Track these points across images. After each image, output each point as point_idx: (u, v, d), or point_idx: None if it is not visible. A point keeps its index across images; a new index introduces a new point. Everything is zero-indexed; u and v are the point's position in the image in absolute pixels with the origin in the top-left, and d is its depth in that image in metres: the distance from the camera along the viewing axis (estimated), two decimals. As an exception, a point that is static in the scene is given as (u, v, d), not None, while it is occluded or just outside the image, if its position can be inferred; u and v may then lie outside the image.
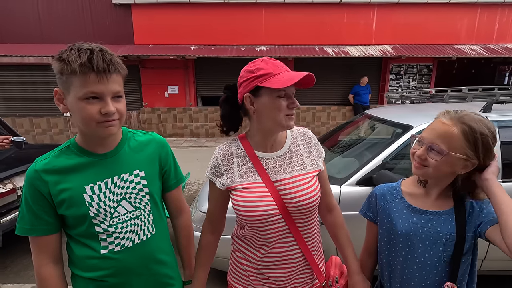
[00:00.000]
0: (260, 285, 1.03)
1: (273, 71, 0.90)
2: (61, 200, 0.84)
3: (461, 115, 0.88)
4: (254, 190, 0.95)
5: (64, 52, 0.77)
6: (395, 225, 0.97)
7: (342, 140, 3.03)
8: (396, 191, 1.02)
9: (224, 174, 0.99)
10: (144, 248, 0.95)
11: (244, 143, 1.01)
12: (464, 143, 0.85)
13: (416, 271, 0.94)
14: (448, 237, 0.90)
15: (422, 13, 7.84)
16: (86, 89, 0.76)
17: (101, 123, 0.80)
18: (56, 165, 0.85)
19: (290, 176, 0.98)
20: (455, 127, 0.86)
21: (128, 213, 0.91)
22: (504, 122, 2.05)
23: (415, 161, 0.93)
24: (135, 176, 0.93)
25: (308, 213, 0.98)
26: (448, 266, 0.91)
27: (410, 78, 8.40)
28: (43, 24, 7.63)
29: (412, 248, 0.94)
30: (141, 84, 8.04)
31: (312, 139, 1.08)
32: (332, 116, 8.37)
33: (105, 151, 0.89)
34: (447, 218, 0.92)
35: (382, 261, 1.04)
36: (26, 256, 2.87)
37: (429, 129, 0.92)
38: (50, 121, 7.73)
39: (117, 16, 7.73)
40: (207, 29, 7.77)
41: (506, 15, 7.94)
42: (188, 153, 6.61)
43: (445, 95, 2.43)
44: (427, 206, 0.95)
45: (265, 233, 0.97)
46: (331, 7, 7.74)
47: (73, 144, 0.89)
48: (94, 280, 0.90)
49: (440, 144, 0.87)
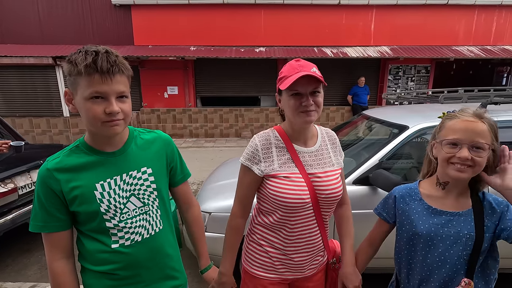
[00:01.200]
0: (284, 269, 1.14)
1: (287, 74, 1.02)
2: (73, 197, 0.87)
3: (478, 111, 0.94)
4: (294, 179, 1.04)
5: (73, 54, 0.81)
6: (416, 226, 1.00)
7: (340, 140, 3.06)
8: (414, 193, 1.05)
9: (262, 162, 1.06)
10: (152, 242, 0.99)
11: (282, 134, 1.11)
12: (490, 136, 0.91)
13: (435, 268, 0.97)
14: (468, 236, 0.93)
15: (420, 14, 7.89)
16: (91, 89, 0.80)
17: (105, 123, 0.83)
18: (67, 163, 0.88)
19: (323, 171, 1.09)
20: (482, 123, 0.91)
21: (137, 208, 0.95)
22: (499, 123, 2.07)
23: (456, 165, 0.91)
24: (142, 173, 0.97)
25: (333, 204, 1.11)
26: (466, 264, 0.94)
27: (408, 79, 8.45)
28: (43, 24, 7.66)
29: (432, 247, 0.97)
30: (141, 84, 8.06)
31: (337, 140, 1.21)
32: (331, 116, 8.40)
33: (113, 149, 0.93)
34: (467, 219, 0.95)
35: (400, 260, 1.07)
36: (27, 255, 2.89)
37: (459, 130, 0.92)
38: (50, 122, 7.73)
39: (117, 17, 7.76)
40: (206, 30, 7.80)
41: (504, 16, 7.99)
42: (188, 153, 6.63)
43: (440, 96, 2.47)
44: (447, 207, 0.98)
45: (295, 219, 1.07)
46: (330, 8, 7.78)
47: (82, 143, 0.92)
48: (105, 273, 0.94)
49: (482, 140, 0.90)
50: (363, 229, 1.33)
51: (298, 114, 1.01)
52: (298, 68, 1.00)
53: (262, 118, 8.29)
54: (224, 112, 8.24)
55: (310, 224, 1.09)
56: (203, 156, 6.40)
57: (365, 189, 2.03)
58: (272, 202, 1.06)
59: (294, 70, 1.00)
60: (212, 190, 2.52)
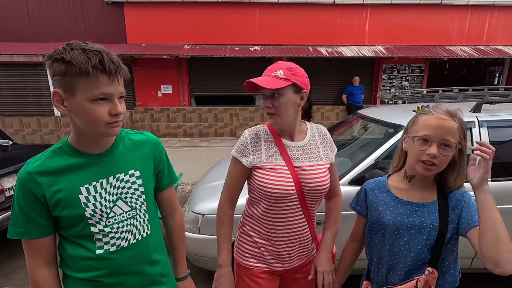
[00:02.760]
0: (273, 260, 1.19)
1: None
2: (56, 202, 0.83)
3: (451, 110, 0.96)
4: (279, 171, 1.10)
5: (65, 53, 0.75)
6: (383, 216, 1.04)
7: (336, 140, 3.05)
8: (383, 185, 1.10)
9: (251, 154, 1.13)
10: (139, 247, 0.95)
11: (271, 129, 1.17)
12: (459, 134, 0.94)
13: (401, 257, 1.01)
14: (431, 226, 0.97)
15: (414, 14, 7.92)
16: (97, 90, 0.77)
17: (109, 124, 0.81)
18: (50, 166, 0.84)
19: (309, 165, 1.14)
20: (453, 121, 0.94)
21: (124, 213, 0.92)
22: (494, 122, 2.08)
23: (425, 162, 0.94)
24: (130, 176, 0.93)
25: (319, 196, 1.15)
26: (430, 253, 0.97)
27: (403, 79, 8.49)
28: (33, 22, 7.49)
29: (398, 236, 1.01)
30: (134, 83, 7.95)
31: (328, 135, 1.25)
32: (326, 116, 8.40)
33: (99, 151, 0.89)
34: (431, 209, 0.99)
35: (371, 249, 1.11)
36: (14, 259, 2.81)
37: (431, 127, 0.94)
38: (41, 121, 7.59)
39: (109, 14, 7.63)
40: (200, 28, 7.72)
41: (496, 16, 8.08)
42: (182, 153, 6.57)
43: (436, 95, 2.46)
44: (413, 198, 1.03)
45: (281, 209, 1.11)
46: (325, 7, 7.77)
47: (65, 144, 0.87)
48: (88, 281, 0.90)
49: (451, 139, 0.92)
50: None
51: (266, 114, 1.11)
52: (265, 72, 1.09)
53: (257, 117, 8.25)
54: (218, 111, 8.18)
55: (296, 215, 1.14)
56: (198, 156, 6.34)
57: (361, 189, 2.00)
58: (259, 191, 1.12)
59: (262, 75, 1.09)
60: (206, 190, 2.47)
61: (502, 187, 1.99)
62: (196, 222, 2.15)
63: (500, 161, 2.08)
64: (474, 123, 2.07)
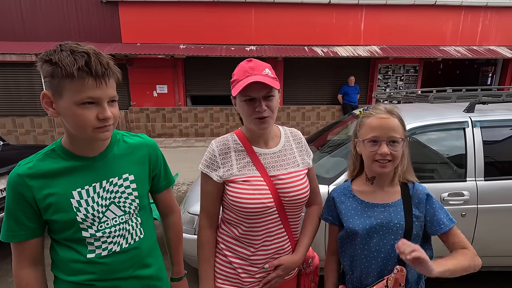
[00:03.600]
0: (251, 279, 1.06)
1: (238, 77, 0.97)
2: (47, 205, 0.82)
3: (388, 108, 1.03)
4: (254, 183, 0.99)
5: (54, 54, 0.74)
6: (352, 222, 1.05)
7: (331, 139, 3.06)
8: (348, 191, 1.11)
9: (221, 167, 1.01)
10: (132, 252, 0.94)
11: (241, 138, 1.06)
12: (402, 128, 1.01)
13: (373, 258, 1.03)
14: (398, 225, 1.00)
15: (408, 14, 7.98)
16: (83, 94, 0.74)
17: (97, 129, 0.78)
18: (41, 169, 0.82)
19: (286, 172, 1.04)
20: (393, 118, 1.00)
21: (117, 217, 0.90)
22: (487, 122, 2.11)
23: (379, 161, 0.99)
24: (124, 180, 0.91)
25: (299, 206, 1.07)
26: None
27: (398, 78, 8.55)
28: (26, 21, 7.39)
29: (368, 239, 1.03)
30: (129, 83, 7.89)
31: (303, 139, 1.16)
32: (322, 115, 8.43)
33: (93, 154, 0.87)
34: (396, 209, 1.02)
35: (344, 253, 1.12)
36: (8, 260, 2.77)
37: (375, 127, 1.00)
38: (34, 121, 7.50)
39: (104, 13, 7.56)
40: (196, 28, 7.69)
41: (489, 17, 8.17)
42: (177, 153, 6.54)
43: (430, 95, 2.48)
44: (378, 199, 1.05)
45: (260, 225, 1.01)
46: (320, 7, 7.79)
47: (58, 146, 0.86)
48: (79, 284, 0.88)
49: (396, 135, 0.98)
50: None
51: (253, 121, 0.97)
52: (249, 71, 0.95)
53: (253, 117, 8.23)
54: (214, 111, 8.16)
55: (277, 230, 1.03)
56: (193, 156, 6.32)
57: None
58: (234, 209, 1.00)
59: (245, 74, 0.95)
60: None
61: (495, 186, 2.02)
62: (192, 223, 2.15)
63: (494, 160, 2.10)
64: (467, 123, 2.09)
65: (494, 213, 2.01)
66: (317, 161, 2.56)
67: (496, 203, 2.00)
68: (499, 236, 2.04)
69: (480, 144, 2.04)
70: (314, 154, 1.20)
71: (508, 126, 2.15)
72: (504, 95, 2.36)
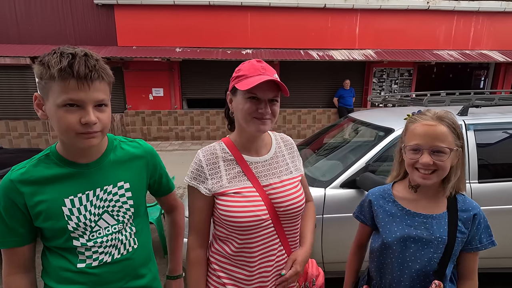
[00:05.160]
0: None
1: (247, 73, 0.90)
2: (38, 212, 0.80)
3: (438, 113, 0.94)
4: (246, 194, 0.91)
5: (46, 56, 0.73)
6: (389, 228, 1.00)
7: (327, 143, 3.07)
8: (388, 195, 1.05)
9: (209, 179, 0.93)
10: (124, 263, 0.91)
11: (229, 146, 0.98)
12: (453, 136, 0.92)
13: (406, 268, 0.97)
14: (440, 239, 0.94)
15: (402, 19, 8.09)
16: (64, 95, 0.72)
17: (80, 134, 0.75)
18: (34, 175, 0.80)
19: (279, 181, 0.98)
20: (441, 126, 0.92)
21: (110, 226, 0.88)
22: (480, 125, 2.14)
23: (421, 171, 0.92)
24: (119, 188, 0.89)
25: (296, 217, 0.99)
26: (437, 266, 0.95)
27: (392, 82, 8.63)
28: (20, 23, 7.33)
29: (405, 248, 0.98)
30: (125, 86, 7.85)
31: (294, 145, 1.11)
32: (318, 118, 8.47)
33: (88, 161, 0.85)
34: (440, 222, 0.96)
35: (374, 259, 1.07)
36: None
37: (419, 135, 0.93)
38: (28, 124, 7.41)
39: (99, 16, 7.54)
40: (192, 31, 7.70)
41: (481, 22, 8.31)
42: (173, 156, 6.50)
43: (424, 99, 2.51)
44: (421, 209, 0.99)
45: (255, 241, 0.92)
46: (316, 11, 7.85)
47: (53, 152, 0.84)
48: None
49: (441, 144, 0.90)
50: (351, 232, 1.32)
51: (252, 120, 0.90)
52: (261, 70, 0.90)
53: (249, 120, 8.23)
54: (211, 114, 8.15)
55: (273, 245, 0.95)
56: (190, 159, 6.24)
57: (352, 192, 2.02)
58: (225, 225, 0.92)
59: (257, 71, 0.90)
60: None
61: (488, 188, 2.04)
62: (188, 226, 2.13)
63: (487, 163, 2.13)
64: (461, 126, 2.11)
65: (489, 215, 2.02)
66: (313, 164, 2.57)
67: (490, 205, 2.02)
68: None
69: (474, 147, 2.07)
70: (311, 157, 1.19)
71: (500, 129, 2.19)
72: (496, 99, 2.40)
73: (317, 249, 2.01)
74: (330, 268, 2.09)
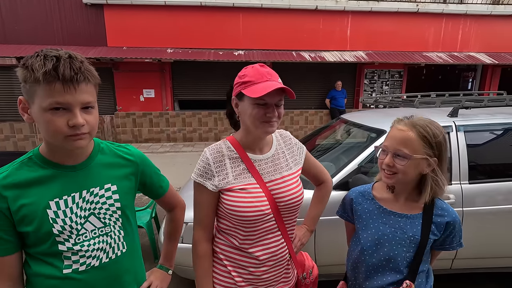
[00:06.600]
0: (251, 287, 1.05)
1: (255, 80, 0.94)
2: (22, 217, 0.77)
3: (414, 120, 0.98)
4: (251, 191, 0.98)
5: (29, 59, 0.71)
6: (366, 225, 1.05)
7: (319, 144, 3.07)
8: (367, 193, 1.11)
9: (216, 176, 0.99)
10: (112, 267, 0.88)
11: (234, 144, 1.04)
12: (422, 145, 0.94)
13: (380, 267, 1.01)
14: (412, 239, 0.98)
15: (393, 21, 8.20)
16: (51, 99, 0.71)
17: (69, 137, 0.75)
18: (17, 178, 0.78)
19: (280, 177, 1.04)
20: (411, 132, 0.95)
21: (96, 229, 0.85)
22: (470, 127, 2.16)
23: (384, 171, 0.99)
24: (106, 190, 0.87)
25: (295, 210, 1.07)
26: (408, 266, 0.99)
27: (383, 83, 8.73)
28: (6, 23, 7.14)
29: (379, 246, 1.02)
30: (115, 87, 7.73)
31: (292, 139, 1.16)
32: (310, 120, 8.50)
33: (74, 163, 0.83)
34: (414, 222, 1.00)
35: (351, 256, 1.12)
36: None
37: (389, 137, 1.00)
38: (14, 126, 7.22)
39: (89, 16, 7.41)
40: (184, 32, 7.64)
41: (468, 25, 8.49)
42: (165, 158, 6.42)
43: (416, 100, 2.53)
44: (396, 208, 1.04)
45: (257, 233, 1.00)
46: (308, 13, 7.89)
47: (36, 154, 0.81)
48: None
49: (403, 149, 0.94)
50: (344, 235, 1.32)
51: (261, 124, 0.96)
52: (267, 76, 0.95)
53: (242, 122, 8.21)
54: (203, 116, 8.09)
55: (274, 236, 1.03)
56: (181, 161, 6.23)
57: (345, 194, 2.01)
58: (231, 218, 0.99)
59: (263, 77, 0.95)
60: (190, 198, 2.40)
61: (479, 189, 2.06)
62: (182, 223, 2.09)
63: (477, 164, 2.15)
64: (451, 127, 2.13)
65: (479, 216, 2.05)
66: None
67: (480, 205, 2.04)
68: (484, 238, 2.08)
69: (464, 148, 2.08)
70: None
71: (490, 130, 2.22)
72: (486, 100, 2.43)
73: (311, 252, 1.99)
74: (323, 271, 2.07)
